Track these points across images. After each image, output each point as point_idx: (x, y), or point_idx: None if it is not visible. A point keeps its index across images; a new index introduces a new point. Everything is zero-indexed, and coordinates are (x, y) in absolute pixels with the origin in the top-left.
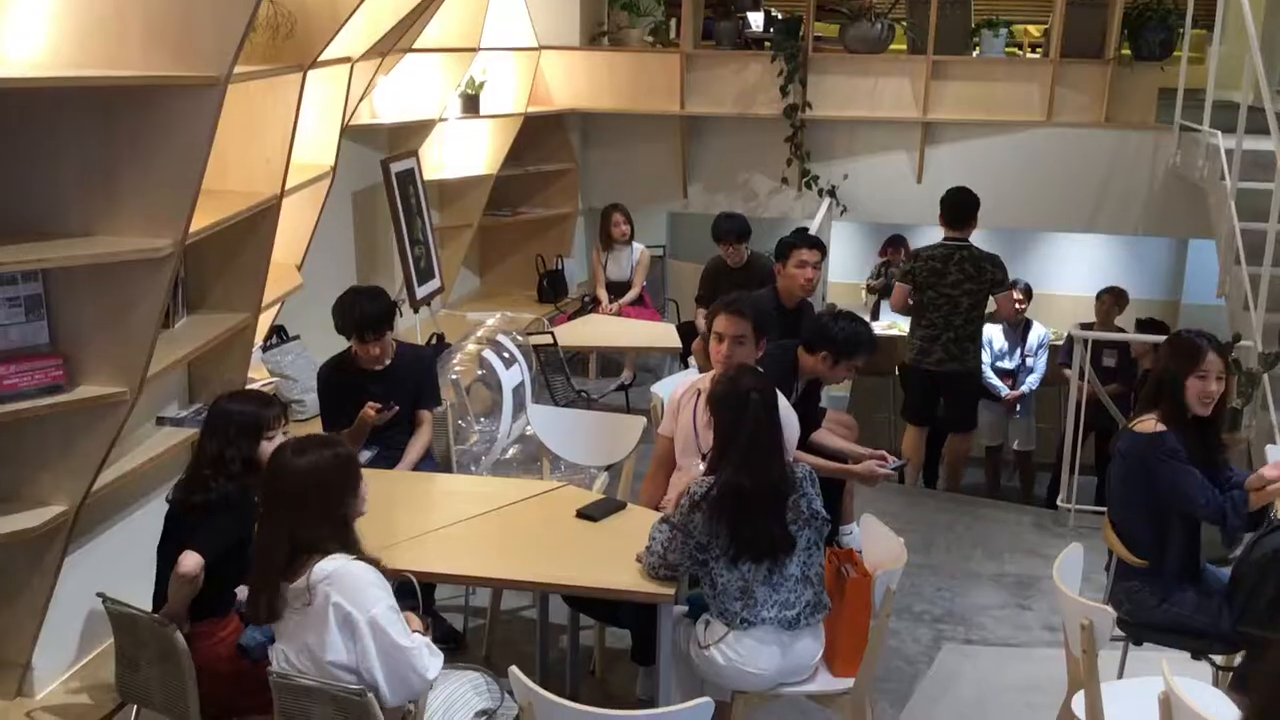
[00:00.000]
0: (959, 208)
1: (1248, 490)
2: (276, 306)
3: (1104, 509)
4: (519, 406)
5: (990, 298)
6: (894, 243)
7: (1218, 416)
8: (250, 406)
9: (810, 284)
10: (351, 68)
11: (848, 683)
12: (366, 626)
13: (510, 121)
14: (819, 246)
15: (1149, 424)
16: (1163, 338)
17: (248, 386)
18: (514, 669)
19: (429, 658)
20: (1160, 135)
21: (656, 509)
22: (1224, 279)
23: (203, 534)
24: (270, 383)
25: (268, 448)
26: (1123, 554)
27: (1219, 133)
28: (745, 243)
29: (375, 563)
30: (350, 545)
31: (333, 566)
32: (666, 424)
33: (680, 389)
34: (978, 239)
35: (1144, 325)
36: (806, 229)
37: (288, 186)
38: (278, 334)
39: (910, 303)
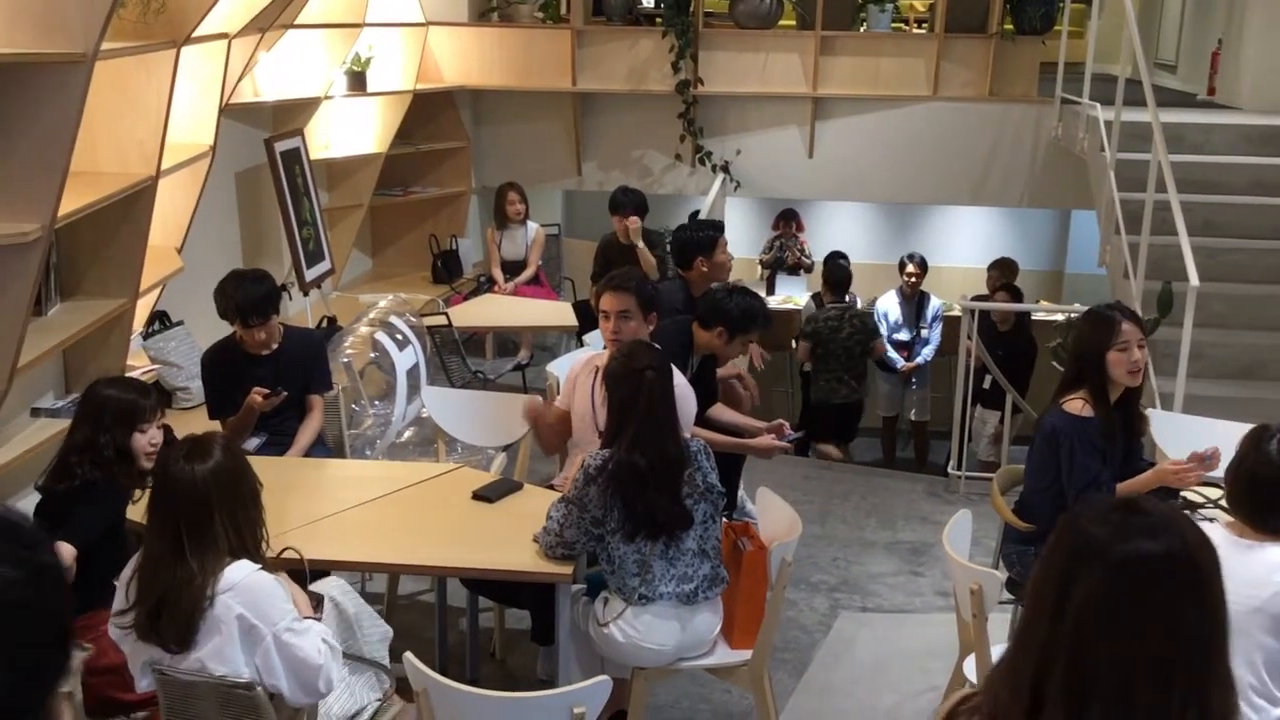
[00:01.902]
0: (841, 281)
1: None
2: (157, 291)
3: (993, 475)
4: (413, 389)
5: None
6: (786, 217)
7: (1138, 390)
8: (129, 394)
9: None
10: (229, 44)
11: (745, 654)
12: (272, 641)
13: (399, 99)
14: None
15: (1077, 404)
16: (1056, 305)
17: (127, 374)
18: (408, 655)
19: (336, 668)
20: (1042, 108)
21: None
22: (1104, 248)
23: (71, 524)
24: (152, 370)
25: (141, 440)
26: (1008, 518)
27: (1098, 105)
28: (642, 218)
29: (289, 560)
30: (254, 552)
31: (238, 576)
32: (563, 398)
33: (579, 363)
34: (868, 212)
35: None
36: (701, 215)
37: (164, 167)
38: (160, 320)
39: (812, 356)
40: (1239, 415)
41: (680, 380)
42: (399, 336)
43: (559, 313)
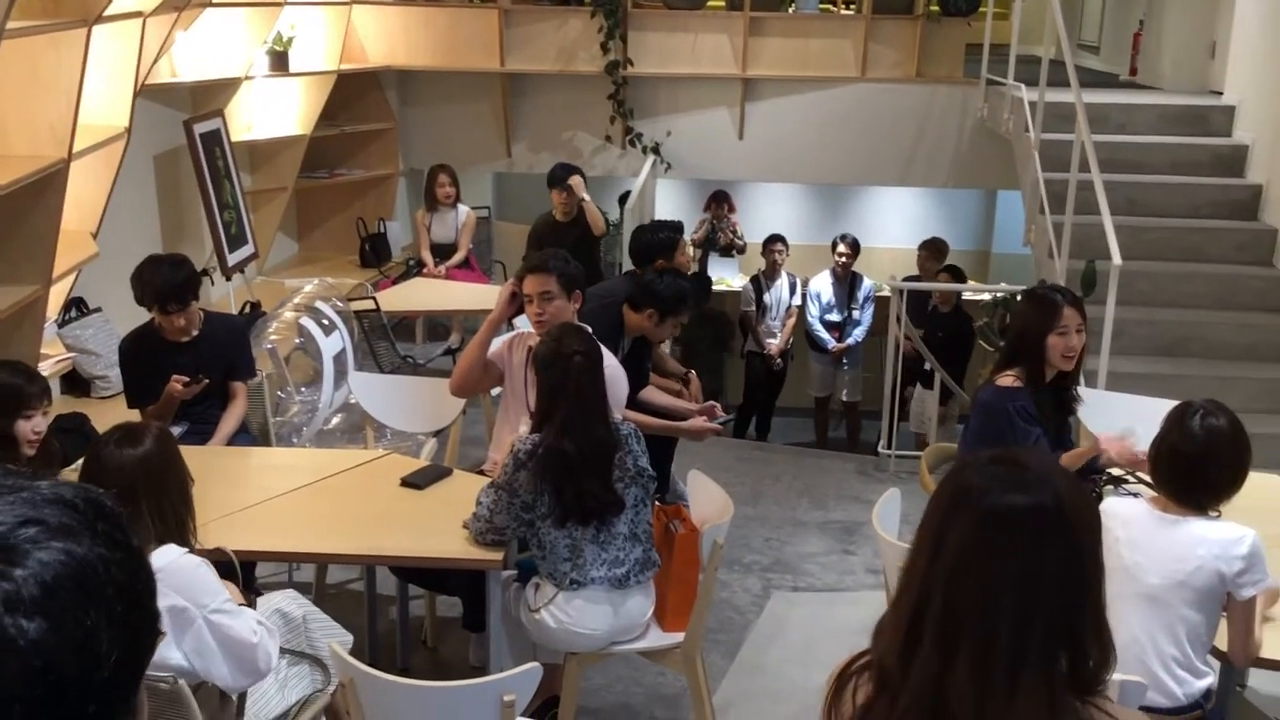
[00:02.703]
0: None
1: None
2: (71, 278)
3: (921, 453)
4: (340, 375)
5: None
6: (718, 199)
7: (1074, 373)
8: (15, 379)
9: None
10: (144, 23)
11: (678, 637)
12: (204, 623)
13: (322, 79)
14: None
15: (1009, 379)
16: (986, 285)
17: (42, 362)
18: (333, 645)
19: (272, 646)
20: (968, 89)
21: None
22: (1029, 228)
23: None
24: (67, 358)
25: (24, 427)
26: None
27: (1023, 86)
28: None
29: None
30: (185, 537)
31: (164, 561)
32: (497, 352)
33: (503, 342)
34: (800, 193)
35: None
36: (631, 196)
37: (76, 149)
38: (76, 307)
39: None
40: (1161, 391)
41: (611, 362)
42: (325, 322)
43: (490, 296)
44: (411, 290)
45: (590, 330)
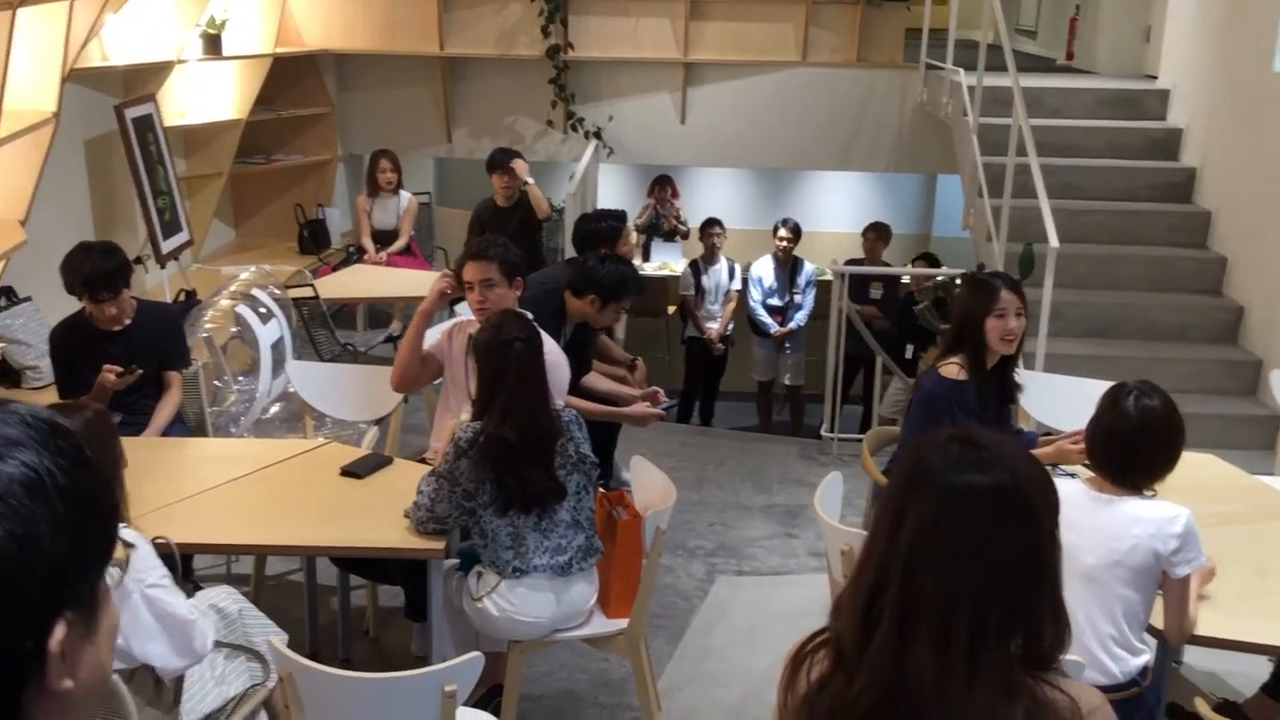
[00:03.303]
0: None
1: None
2: None
3: (863, 437)
4: (279, 363)
5: None
6: (661, 183)
7: (1014, 357)
8: None
9: None
10: (71, 5)
11: (622, 624)
12: (140, 597)
13: (258, 63)
14: None
15: (953, 369)
16: (930, 270)
17: None
18: (271, 639)
19: (209, 629)
20: (908, 74)
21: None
22: (968, 211)
23: None
24: None
25: None
26: (878, 478)
27: (962, 71)
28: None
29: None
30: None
31: None
32: (436, 342)
33: (443, 330)
34: (742, 177)
35: (922, 257)
36: (573, 180)
37: (1, 135)
38: (5, 295)
39: None
40: (1098, 373)
41: (552, 348)
42: (262, 309)
43: (432, 283)
44: (352, 277)
45: (531, 316)
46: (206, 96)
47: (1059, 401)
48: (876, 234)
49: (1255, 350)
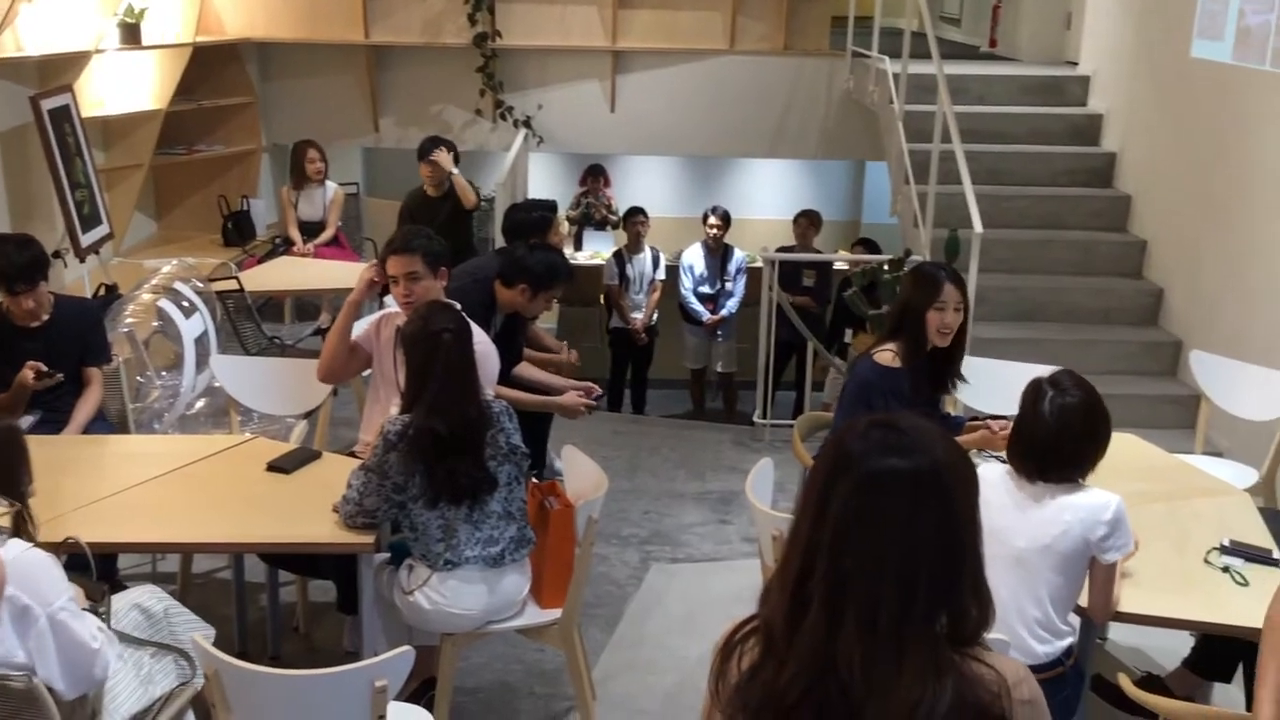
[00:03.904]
0: None
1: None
2: None
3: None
4: (203, 358)
5: None
6: (593, 172)
7: (955, 348)
8: None
9: None
10: None
11: (555, 613)
12: (47, 623)
13: (178, 52)
14: None
15: (887, 356)
16: (861, 256)
17: None
18: (195, 637)
19: (112, 656)
20: (835, 62)
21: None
22: (895, 198)
23: None
24: None
25: None
26: (808, 463)
27: (887, 58)
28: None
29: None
30: (24, 529)
31: (9, 555)
32: (364, 333)
33: (370, 322)
34: (673, 165)
35: (862, 243)
36: (504, 169)
37: None
38: None
39: None
40: (1024, 356)
41: (481, 338)
42: (185, 303)
43: (360, 274)
44: (278, 269)
45: (459, 307)
46: (125, 87)
47: (986, 385)
48: (808, 221)
49: (1175, 331)
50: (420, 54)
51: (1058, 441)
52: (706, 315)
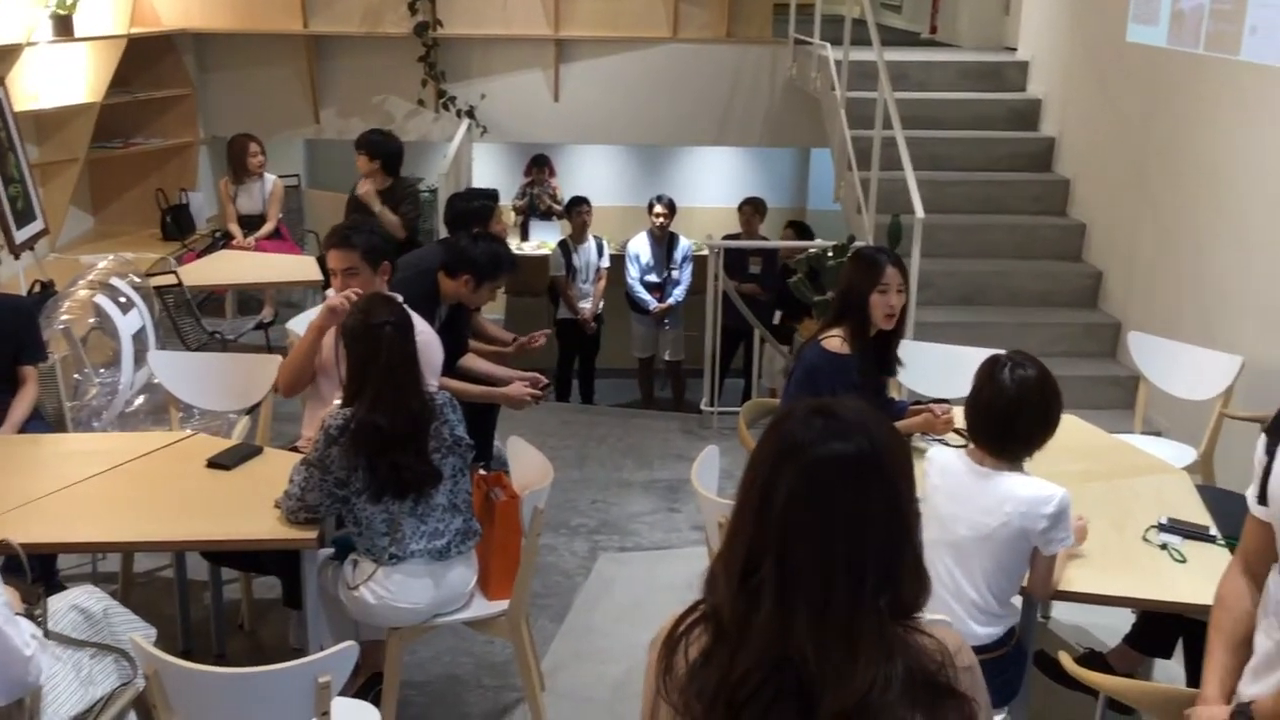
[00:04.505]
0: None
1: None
2: None
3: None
4: (141, 354)
5: None
6: (539, 163)
7: (897, 330)
8: None
9: None
10: None
11: (503, 605)
12: None
13: (112, 44)
14: None
15: (835, 342)
16: (802, 242)
17: None
18: (134, 637)
19: (44, 663)
20: (777, 49)
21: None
22: (839, 184)
23: None
24: None
25: None
26: (750, 447)
27: (829, 45)
28: (374, 160)
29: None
30: None
31: None
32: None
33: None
34: (618, 154)
35: (791, 225)
36: (447, 160)
37: None
38: None
39: None
40: (966, 339)
41: (424, 330)
42: (122, 299)
43: (303, 267)
44: (218, 263)
45: (401, 299)
46: (59, 79)
47: (930, 369)
48: (753, 208)
49: (1113, 313)
50: (361, 44)
51: (1018, 410)
52: (653, 304)
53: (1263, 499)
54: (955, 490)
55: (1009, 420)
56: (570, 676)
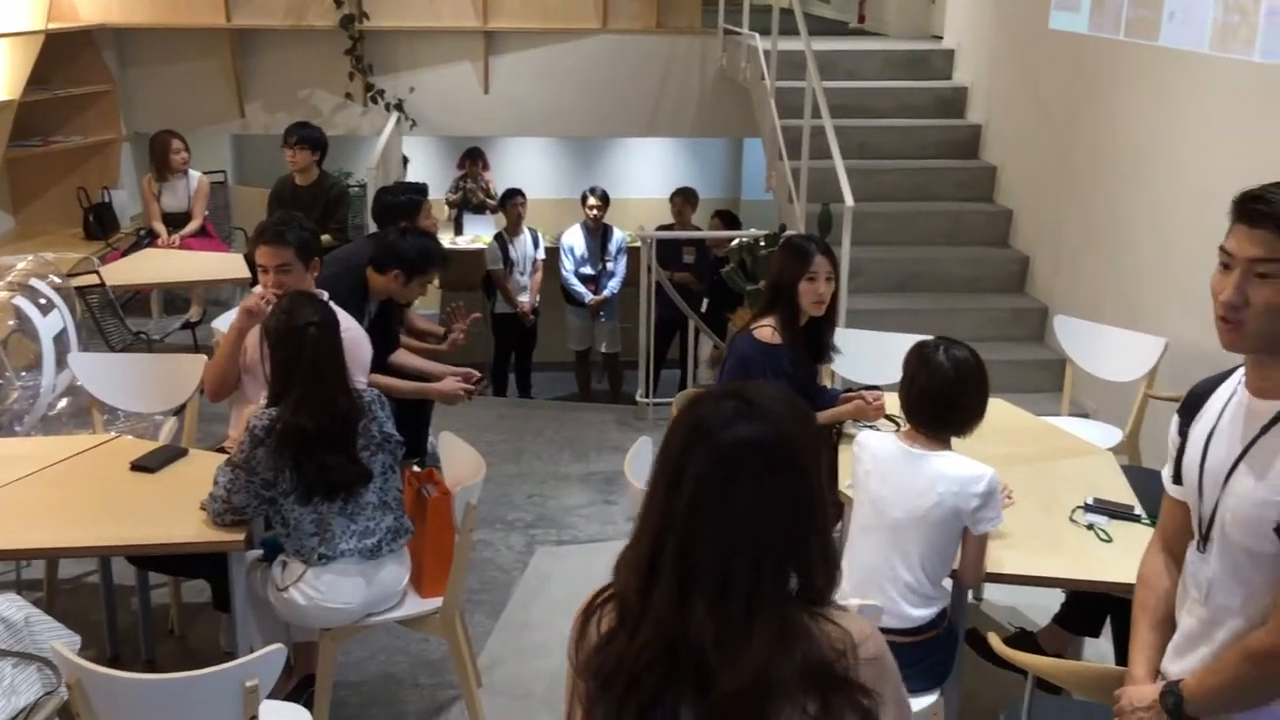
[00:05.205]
0: None
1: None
2: None
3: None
4: (63, 356)
5: None
6: (471, 156)
7: (829, 318)
8: None
9: None
10: None
11: (436, 603)
12: None
13: (28, 40)
14: None
15: (767, 331)
16: (732, 232)
17: None
18: (56, 645)
19: None
20: (707, 39)
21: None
22: (770, 174)
23: None
24: None
25: None
26: None
27: (757, 35)
28: (315, 153)
29: None
30: None
31: None
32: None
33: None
34: (551, 147)
35: (719, 215)
36: (375, 154)
37: None
38: None
39: None
40: (898, 326)
41: (351, 326)
42: (42, 301)
43: (230, 265)
44: (143, 262)
45: (328, 296)
46: None
47: (862, 356)
48: (684, 198)
49: (1040, 297)
50: (285, 37)
51: (954, 392)
52: (589, 296)
53: (1177, 478)
54: (887, 473)
55: (950, 400)
56: (507, 672)
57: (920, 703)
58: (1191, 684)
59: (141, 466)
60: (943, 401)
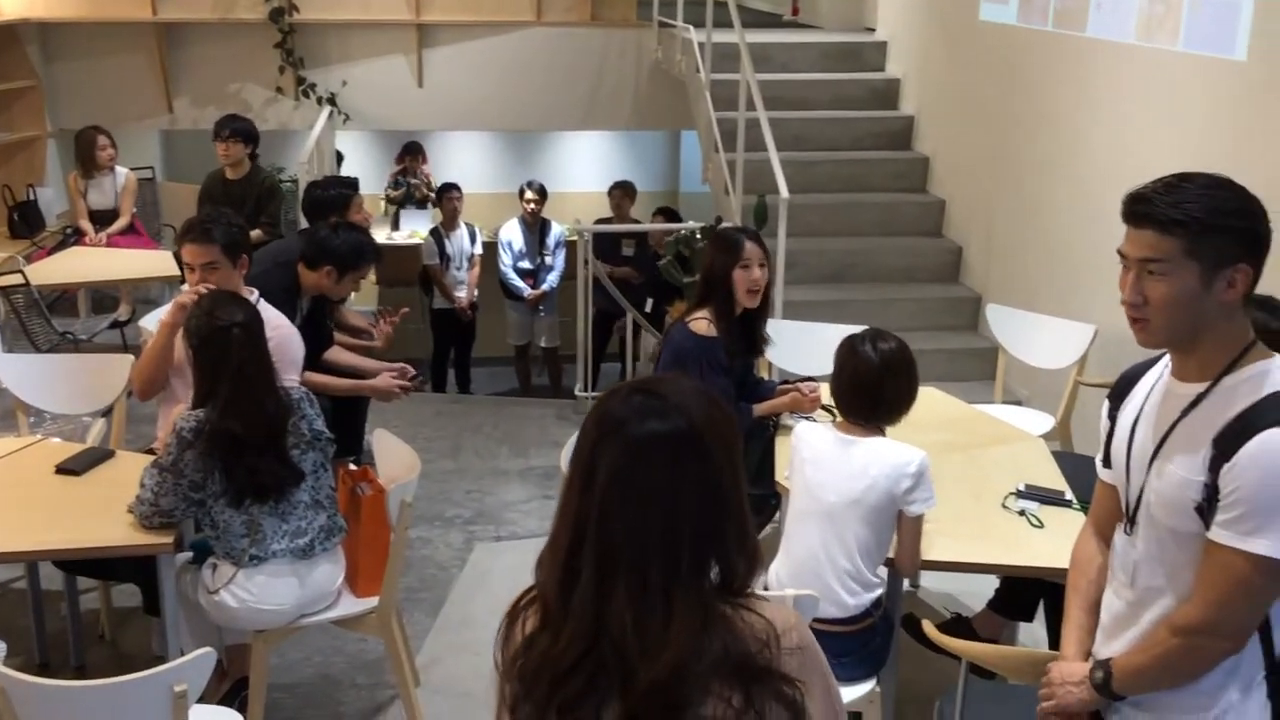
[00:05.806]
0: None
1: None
2: None
3: None
4: None
5: None
6: (410, 150)
7: (763, 309)
8: None
9: None
10: None
11: (372, 602)
12: None
13: None
14: None
15: (702, 324)
16: (671, 225)
17: None
18: None
19: None
20: (642, 32)
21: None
22: (706, 166)
23: None
24: None
25: None
26: None
27: (692, 28)
28: (248, 145)
29: None
30: None
31: None
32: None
33: (167, 311)
34: (489, 141)
35: (661, 212)
36: (307, 148)
37: None
38: None
39: None
40: (834, 317)
41: (281, 323)
42: None
43: (159, 262)
44: (70, 261)
45: (258, 293)
46: None
47: (798, 348)
48: (622, 192)
49: (974, 287)
50: (214, 30)
51: (882, 382)
52: (527, 291)
53: (1107, 462)
54: (823, 460)
55: (877, 389)
56: (446, 670)
57: (858, 690)
58: (1120, 661)
59: (67, 470)
60: (871, 391)
